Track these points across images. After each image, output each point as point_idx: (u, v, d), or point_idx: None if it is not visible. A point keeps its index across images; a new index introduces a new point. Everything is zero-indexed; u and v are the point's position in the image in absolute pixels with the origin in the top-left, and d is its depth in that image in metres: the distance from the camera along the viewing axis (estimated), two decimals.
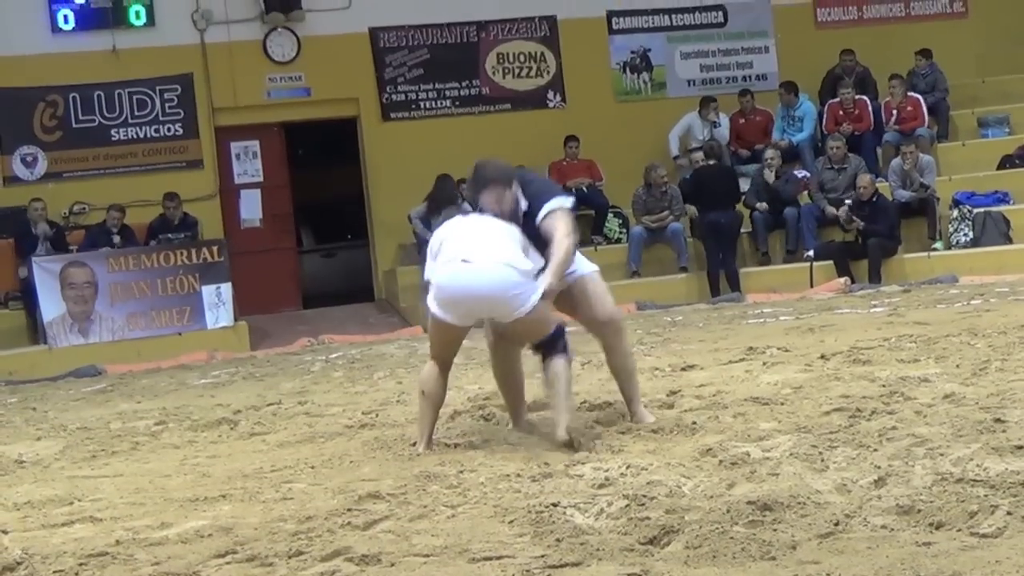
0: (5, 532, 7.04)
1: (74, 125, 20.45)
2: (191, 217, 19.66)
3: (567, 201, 8.75)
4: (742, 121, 21.74)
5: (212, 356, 17.18)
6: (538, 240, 8.38)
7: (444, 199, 19.12)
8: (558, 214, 8.48)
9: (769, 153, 20.06)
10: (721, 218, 19.42)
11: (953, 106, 22.03)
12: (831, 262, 18.70)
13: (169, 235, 19.17)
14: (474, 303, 8.32)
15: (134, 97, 20.64)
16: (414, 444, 8.51)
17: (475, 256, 8.29)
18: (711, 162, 20.10)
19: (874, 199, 18.78)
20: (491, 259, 8.27)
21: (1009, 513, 5.60)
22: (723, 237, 19.41)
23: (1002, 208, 19.24)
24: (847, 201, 18.93)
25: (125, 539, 6.63)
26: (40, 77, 20.18)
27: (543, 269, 8.28)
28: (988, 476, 6.20)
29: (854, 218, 18.64)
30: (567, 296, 8.63)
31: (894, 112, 20.81)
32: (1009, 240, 18.77)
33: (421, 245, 19.55)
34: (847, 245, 18.80)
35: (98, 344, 17.78)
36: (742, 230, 19.80)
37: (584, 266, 8.87)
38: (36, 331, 18.36)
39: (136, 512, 7.32)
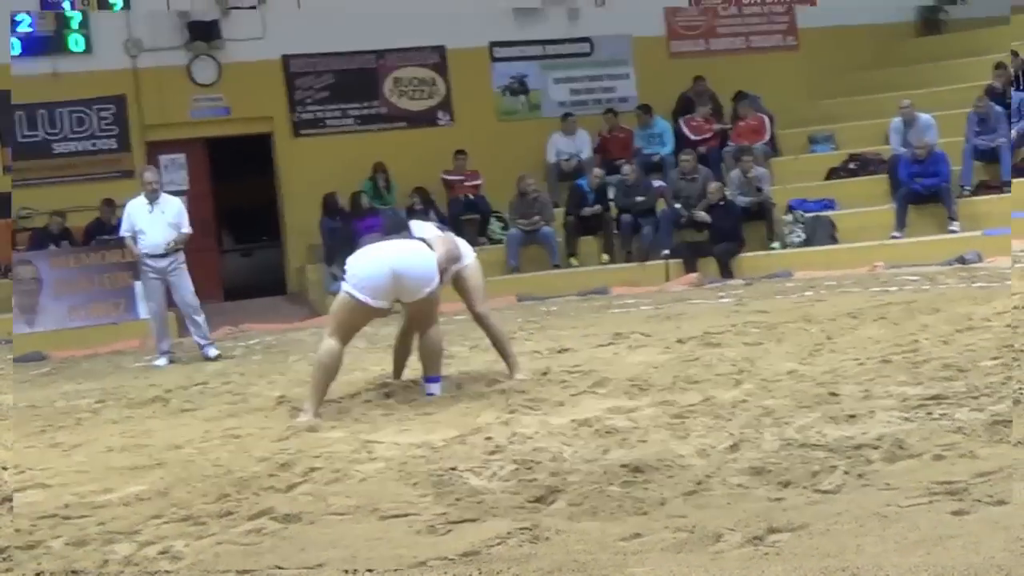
0: None
1: (20, 139, 20.12)
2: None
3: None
4: (608, 137, 21.81)
5: (144, 342, 16.94)
6: None
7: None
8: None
9: (625, 169, 20.10)
10: None
11: (786, 125, 22.18)
12: (682, 260, 18.79)
13: (105, 236, 18.91)
14: (397, 277, 8.69)
15: (74, 115, 20.33)
16: (300, 411, 8.74)
17: (394, 245, 8.89)
18: None
19: (722, 203, 18.91)
20: (409, 244, 8.90)
21: (846, 472, 5.64)
22: None
23: (829, 213, 19.42)
24: (700, 213, 19.03)
25: (73, 503, 6.52)
26: None
27: None
28: (827, 441, 6.24)
29: (702, 212, 18.77)
30: (459, 278, 9.52)
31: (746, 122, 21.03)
32: (835, 240, 18.93)
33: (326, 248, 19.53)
34: (697, 245, 18.86)
35: (43, 332, 17.48)
36: (612, 231, 19.80)
37: (470, 256, 9.71)
38: None
39: (82, 479, 7.20)
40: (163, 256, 14.20)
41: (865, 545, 4.54)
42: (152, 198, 14.28)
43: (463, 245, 9.75)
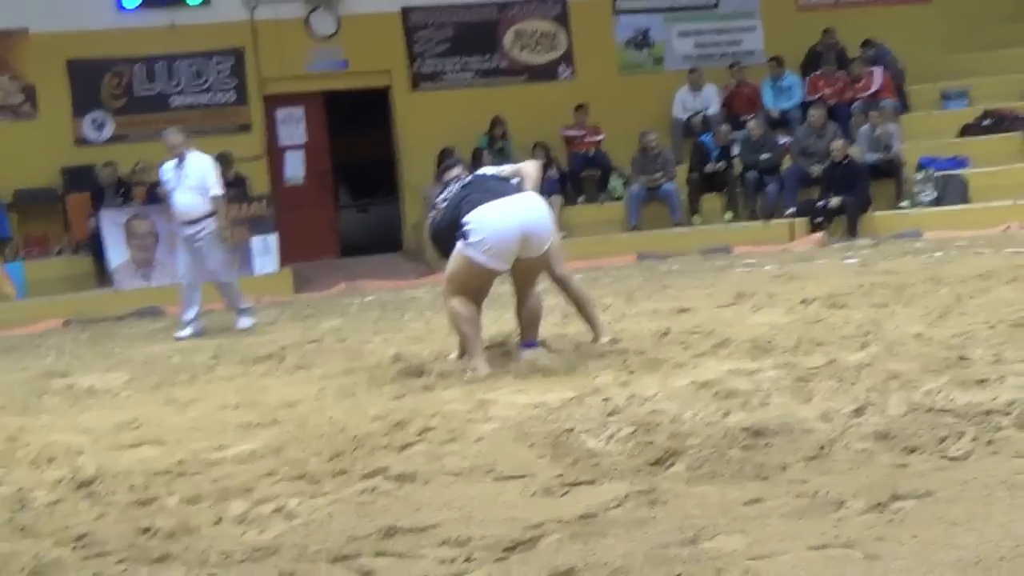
0: (80, 452, 7.04)
1: (137, 93, 20.42)
2: (240, 175, 19.62)
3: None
4: (734, 92, 21.66)
5: (260, 299, 17.12)
6: None
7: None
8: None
9: (751, 124, 19.95)
10: None
11: (918, 80, 21.91)
12: (808, 219, 18.63)
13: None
14: (526, 237, 8.49)
15: (191, 68, 20.59)
16: (471, 369, 8.60)
17: (516, 202, 8.62)
18: None
19: (845, 161, 18.65)
20: (528, 198, 8.70)
21: (975, 439, 5.56)
22: None
23: (962, 171, 19.15)
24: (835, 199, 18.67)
25: (187, 459, 6.62)
26: (108, 50, 20.12)
27: None
28: (956, 406, 6.15)
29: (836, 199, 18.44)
30: None
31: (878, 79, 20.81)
32: (967, 200, 18.68)
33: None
34: (823, 205, 18.65)
35: (159, 287, 17.75)
36: (736, 188, 19.73)
37: None
38: (104, 275, 18.36)
39: (196, 436, 7.31)
40: (192, 223, 13.56)
41: (993, 514, 4.47)
42: (177, 161, 13.65)
43: None
